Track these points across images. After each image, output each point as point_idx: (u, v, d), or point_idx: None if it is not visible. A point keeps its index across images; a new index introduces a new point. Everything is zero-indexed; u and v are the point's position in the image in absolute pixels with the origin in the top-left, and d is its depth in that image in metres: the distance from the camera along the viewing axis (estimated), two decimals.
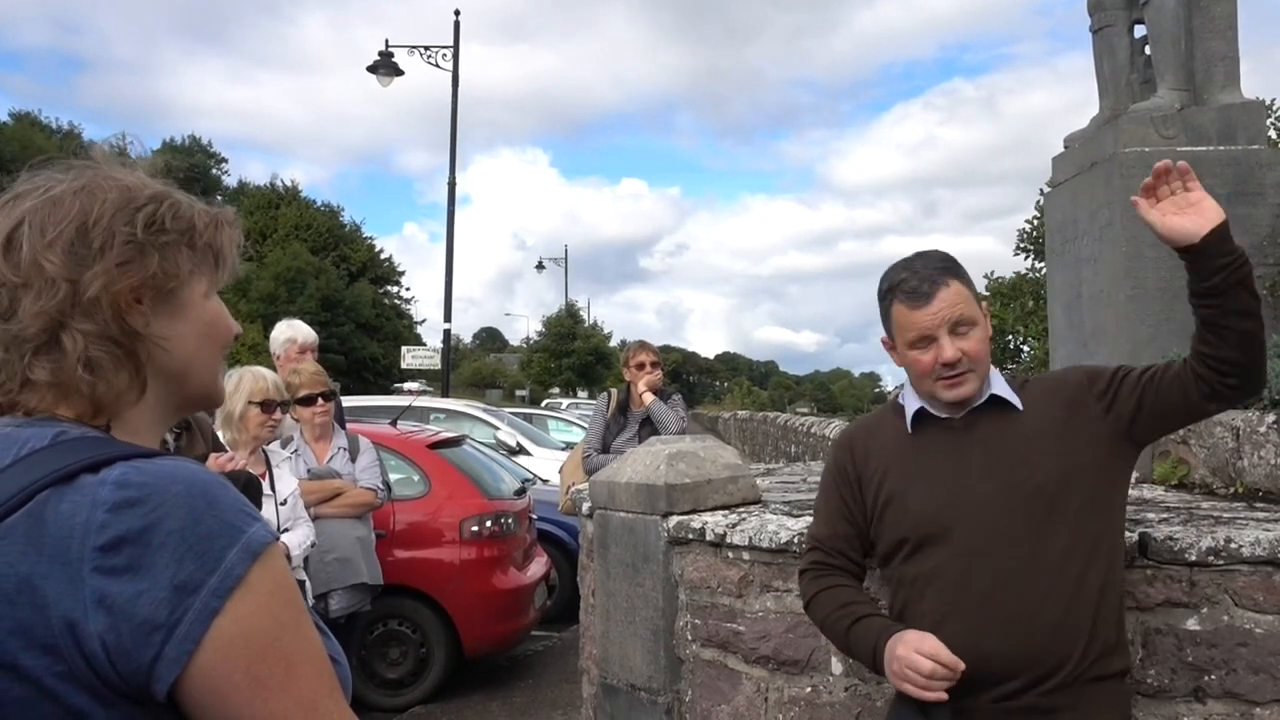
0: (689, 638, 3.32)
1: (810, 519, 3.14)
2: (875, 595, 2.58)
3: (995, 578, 2.13)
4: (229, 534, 0.94)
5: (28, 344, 1.01)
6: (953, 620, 2.13)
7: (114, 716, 0.91)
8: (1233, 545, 2.51)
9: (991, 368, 2.28)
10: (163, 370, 1.08)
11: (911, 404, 2.32)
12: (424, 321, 55.01)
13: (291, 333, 5.64)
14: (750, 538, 3.12)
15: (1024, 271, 12.91)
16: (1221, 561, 2.52)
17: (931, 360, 2.20)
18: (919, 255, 2.30)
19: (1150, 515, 2.96)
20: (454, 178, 20.01)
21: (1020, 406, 2.23)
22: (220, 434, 4.20)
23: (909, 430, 2.31)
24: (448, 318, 20.04)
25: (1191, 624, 2.54)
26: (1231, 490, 3.50)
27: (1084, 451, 2.17)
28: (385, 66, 19.24)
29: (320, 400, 5.05)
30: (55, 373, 1.01)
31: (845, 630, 2.28)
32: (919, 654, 2.05)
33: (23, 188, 1.08)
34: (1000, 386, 2.26)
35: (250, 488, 3.73)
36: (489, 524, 6.42)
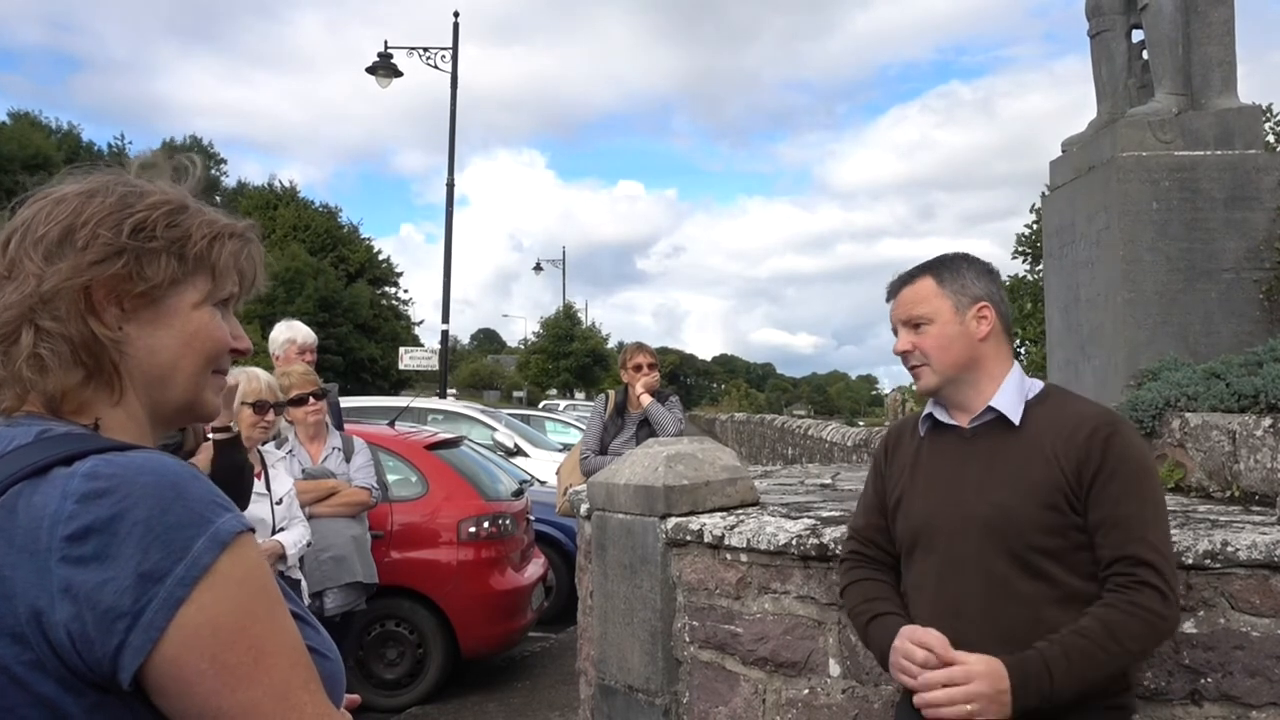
0: (687, 639, 3.32)
1: (809, 520, 3.15)
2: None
3: (964, 597, 2.14)
4: (197, 523, 0.94)
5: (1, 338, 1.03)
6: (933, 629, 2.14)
7: (84, 704, 0.92)
8: (1229, 548, 2.51)
9: (1013, 375, 2.27)
10: (142, 375, 1.09)
11: (929, 408, 2.36)
12: (422, 323, 55.04)
13: (291, 333, 5.64)
14: (748, 540, 3.12)
15: (1021, 275, 12.92)
16: (1218, 565, 2.53)
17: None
18: (941, 254, 2.41)
19: None
20: (452, 179, 20.03)
21: (1016, 422, 2.19)
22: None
23: (922, 434, 2.36)
24: (445, 319, 20.04)
25: (1188, 627, 2.54)
26: (1228, 493, 3.51)
27: (1069, 514, 2.11)
28: (384, 68, 19.24)
29: (311, 400, 5.05)
30: (4, 365, 1.03)
31: (864, 625, 2.33)
32: (912, 643, 2.10)
33: (46, 189, 1.10)
34: (1005, 399, 2.22)
35: (242, 471, 3.71)
36: (486, 525, 6.42)
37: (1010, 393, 2.23)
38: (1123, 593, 2.01)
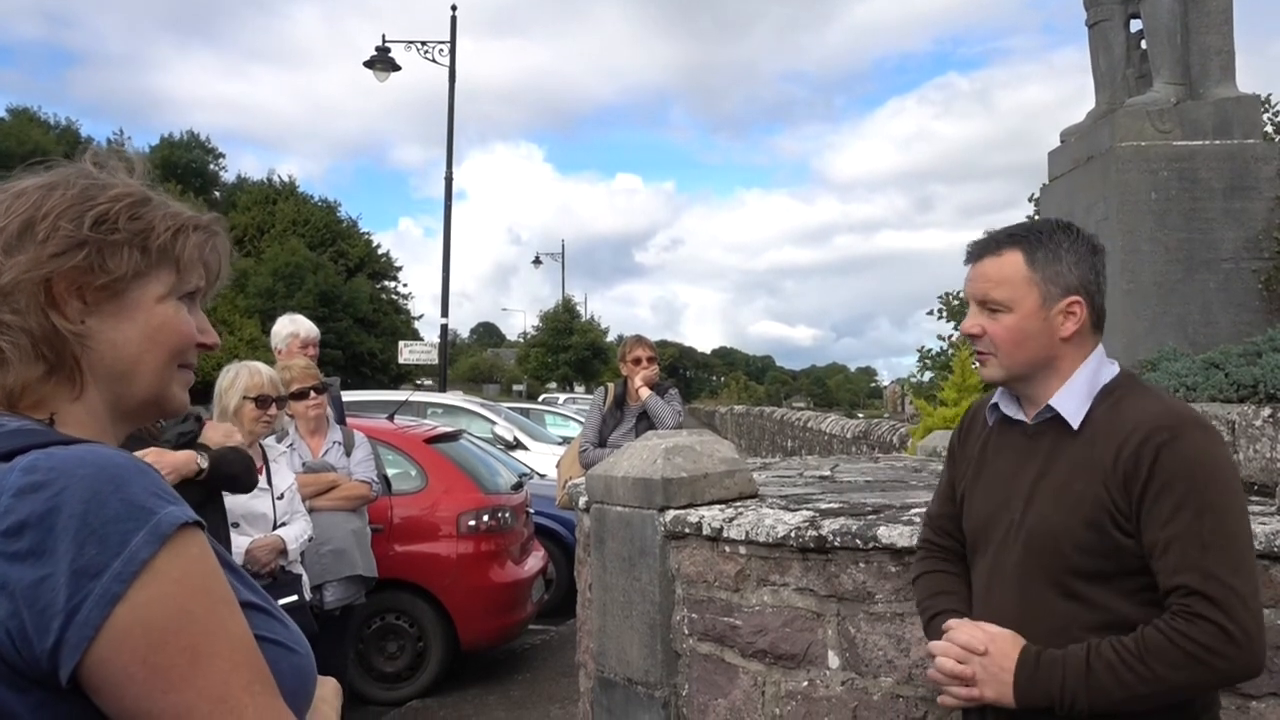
0: (686, 632, 3.32)
1: (808, 512, 3.15)
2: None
3: (1002, 610, 1.98)
4: (136, 516, 0.91)
5: None
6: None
7: (28, 702, 0.90)
8: None
9: (1084, 369, 1.97)
10: (103, 369, 1.07)
11: (995, 397, 2.12)
12: (421, 317, 54.98)
13: (294, 327, 5.63)
14: (747, 532, 3.12)
15: None
16: None
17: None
18: (1039, 220, 2.13)
19: None
20: (451, 172, 19.98)
21: (1075, 426, 1.92)
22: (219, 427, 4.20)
23: (989, 425, 2.13)
24: (445, 313, 20.03)
25: None
26: None
27: (1117, 535, 1.85)
28: (382, 61, 19.20)
29: (313, 394, 5.05)
30: None
31: (927, 623, 2.19)
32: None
33: (5, 184, 1.09)
34: (1067, 399, 1.95)
35: (235, 476, 3.76)
36: (486, 518, 6.42)
37: (1076, 390, 1.95)
38: (1173, 620, 1.76)
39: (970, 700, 1.93)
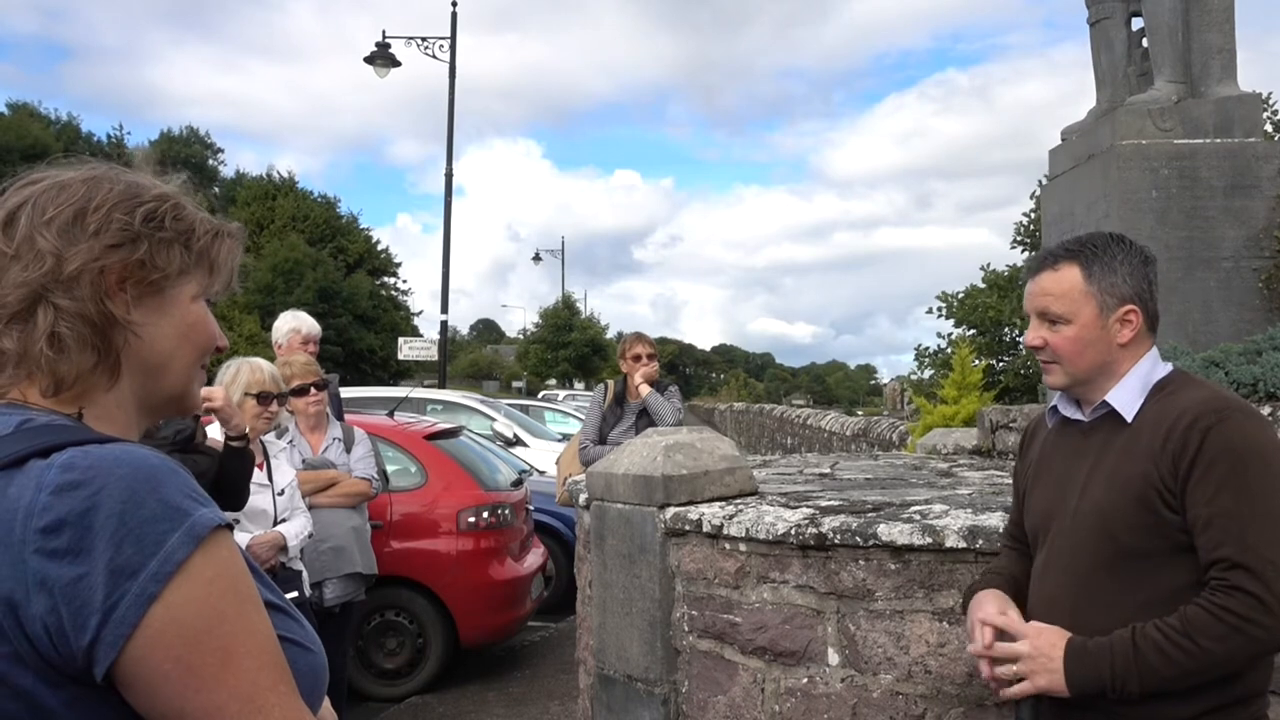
0: (685, 629, 3.33)
1: (808, 509, 3.15)
2: None
3: (1055, 596, 2.06)
4: (172, 517, 0.93)
5: (3, 311, 1.03)
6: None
7: (62, 697, 0.92)
8: None
9: (1139, 368, 2.06)
10: (139, 362, 1.09)
11: (1055, 400, 2.24)
12: (420, 313, 54.91)
13: (295, 323, 5.62)
14: (747, 529, 3.12)
15: (1019, 265, 12.91)
16: None
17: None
18: (1092, 234, 2.22)
19: None
20: (451, 169, 19.96)
21: (1129, 418, 2.02)
22: (216, 425, 4.20)
23: (1050, 427, 2.25)
24: (445, 309, 20.00)
25: None
26: None
27: (1166, 513, 1.92)
28: (382, 57, 19.19)
29: (313, 390, 5.05)
30: (21, 342, 1.03)
31: (966, 600, 2.26)
32: (978, 620, 2.09)
33: (36, 175, 1.11)
34: (1122, 394, 2.05)
35: (249, 476, 3.78)
36: (486, 515, 6.43)
37: (1130, 387, 2.05)
38: (1213, 594, 1.84)
39: (1023, 693, 2.00)
